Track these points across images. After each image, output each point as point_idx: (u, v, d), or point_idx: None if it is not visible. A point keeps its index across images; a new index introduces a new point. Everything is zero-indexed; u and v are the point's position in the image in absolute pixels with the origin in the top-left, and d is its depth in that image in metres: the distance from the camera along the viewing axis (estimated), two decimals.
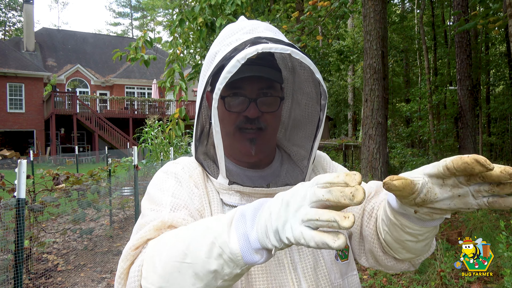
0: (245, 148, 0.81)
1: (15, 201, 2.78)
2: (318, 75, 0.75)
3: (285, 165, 0.91)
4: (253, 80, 0.78)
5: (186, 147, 13.70)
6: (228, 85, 0.74)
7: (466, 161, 0.52)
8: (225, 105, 0.80)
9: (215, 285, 0.58)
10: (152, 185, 0.85)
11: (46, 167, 14.76)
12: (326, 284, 0.79)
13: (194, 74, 4.99)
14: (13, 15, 40.65)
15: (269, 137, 0.83)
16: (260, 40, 0.73)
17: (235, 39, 0.78)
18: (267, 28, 0.81)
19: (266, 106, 0.80)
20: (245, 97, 0.79)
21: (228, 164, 0.86)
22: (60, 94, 21.63)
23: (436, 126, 14.11)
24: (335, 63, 15.12)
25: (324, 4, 6.05)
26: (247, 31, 0.79)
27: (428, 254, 0.83)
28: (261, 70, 0.77)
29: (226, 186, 0.81)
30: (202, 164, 0.85)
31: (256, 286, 0.75)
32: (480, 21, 5.44)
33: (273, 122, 0.83)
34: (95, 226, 6.45)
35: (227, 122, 0.81)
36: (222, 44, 0.80)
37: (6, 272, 3.25)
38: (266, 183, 0.85)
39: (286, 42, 0.74)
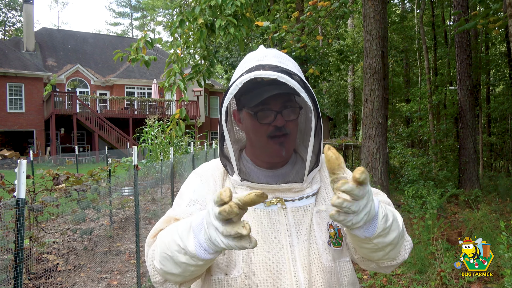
0: (277, 151, 1.00)
1: (15, 201, 2.78)
2: (303, 94, 0.93)
3: (296, 166, 1.08)
4: (277, 96, 0.97)
5: (186, 147, 13.70)
6: (260, 102, 0.96)
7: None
8: (258, 119, 0.98)
9: (190, 270, 0.84)
10: (183, 185, 1.11)
11: (46, 167, 14.76)
12: (317, 264, 0.97)
13: (194, 75, 4.99)
14: (13, 15, 40.66)
15: (292, 141, 1.03)
16: (258, 68, 0.94)
17: (247, 65, 0.99)
18: (275, 56, 1.00)
19: (288, 115, 0.99)
20: (271, 110, 0.98)
21: (249, 164, 1.08)
22: (60, 94, 21.60)
23: (436, 126, 14.11)
24: (335, 63, 15.11)
25: (324, 4, 6.05)
26: (258, 59, 1.00)
27: (392, 262, 0.98)
28: (281, 87, 0.95)
29: (239, 182, 1.02)
30: (224, 165, 1.05)
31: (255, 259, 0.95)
32: (480, 21, 5.44)
33: (294, 128, 1.02)
34: (95, 226, 6.45)
35: (259, 133, 1.00)
36: (239, 69, 1.02)
37: (6, 272, 3.25)
38: (276, 180, 1.03)
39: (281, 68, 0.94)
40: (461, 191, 8.36)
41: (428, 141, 15.22)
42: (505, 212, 7.04)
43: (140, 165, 6.85)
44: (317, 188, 1.05)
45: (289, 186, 1.01)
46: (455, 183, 9.40)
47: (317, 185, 1.06)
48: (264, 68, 0.94)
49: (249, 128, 1.03)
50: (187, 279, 0.90)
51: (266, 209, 1.00)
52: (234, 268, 0.95)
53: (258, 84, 0.97)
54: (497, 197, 8.47)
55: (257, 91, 0.97)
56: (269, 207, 1.00)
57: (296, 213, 1.00)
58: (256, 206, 0.98)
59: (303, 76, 1.02)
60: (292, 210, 1.01)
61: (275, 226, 0.98)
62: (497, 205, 7.50)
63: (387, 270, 1.02)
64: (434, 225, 4.65)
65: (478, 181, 9.25)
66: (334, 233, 1.02)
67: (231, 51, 15.49)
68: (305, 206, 1.02)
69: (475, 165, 9.24)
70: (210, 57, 4.99)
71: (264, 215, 0.99)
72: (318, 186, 1.06)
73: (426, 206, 5.25)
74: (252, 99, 0.97)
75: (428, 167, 11.31)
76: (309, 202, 1.02)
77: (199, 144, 16.53)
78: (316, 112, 0.97)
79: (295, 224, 0.99)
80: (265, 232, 0.97)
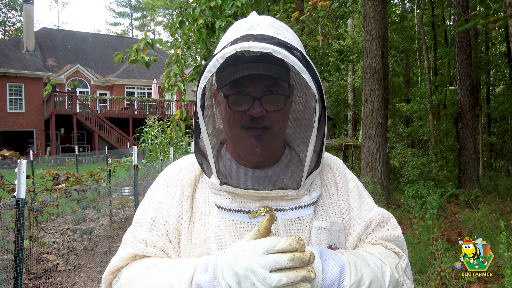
0: (250, 147, 0.78)
1: (15, 201, 2.78)
2: (305, 76, 0.71)
3: (290, 167, 0.87)
4: (257, 78, 0.74)
5: (186, 147, 13.70)
6: (232, 83, 0.74)
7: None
8: (228, 104, 0.77)
9: None
10: (148, 192, 0.91)
11: (46, 167, 14.76)
12: None
13: (196, 76, 4.99)
14: (13, 15, 40.68)
15: (274, 136, 0.79)
16: (248, 38, 0.72)
17: (235, 35, 0.77)
18: (269, 24, 0.78)
19: (270, 104, 0.76)
20: (249, 95, 0.75)
21: (230, 163, 0.86)
22: (60, 94, 21.61)
23: (436, 126, 14.11)
24: (335, 63, 15.11)
25: (324, 4, 6.05)
26: (249, 27, 0.77)
27: None
28: (266, 67, 0.73)
29: (218, 187, 0.81)
30: (200, 163, 0.84)
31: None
32: (480, 21, 5.44)
33: (279, 120, 0.79)
34: (95, 226, 6.45)
35: (232, 121, 0.78)
36: (224, 40, 0.80)
37: (6, 272, 3.25)
38: (265, 184, 0.82)
39: (278, 40, 0.72)
40: (461, 191, 8.36)
41: (428, 141, 15.22)
42: (505, 212, 7.04)
43: (140, 165, 6.85)
44: (316, 196, 0.84)
45: (281, 193, 0.80)
46: (455, 183, 9.40)
47: (317, 192, 0.85)
48: (255, 39, 0.71)
49: (222, 113, 0.81)
50: None
51: (251, 222, 0.79)
52: None
53: (241, 58, 0.73)
54: (497, 197, 8.47)
55: (235, 67, 0.73)
56: (254, 219, 0.79)
57: (289, 226, 0.80)
58: (238, 218, 0.79)
59: (304, 50, 0.79)
60: (285, 223, 0.80)
61: None
62: (497, 205, 7.50)
63: None
64: (434, 225, 4.65)
65: (478, 181, 9.25)
66: None
67: None
68: (302, 218, 0.81)
69: (475, 165, 9.24)
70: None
71: (247, 229, 0.78)
72: (318, 194, 0.84)
73: (426, 206, 5.25)
74: (227, 77, 0.74)
75: (428, 167, 11.31)
76: (307, 213, 0.82)
77: None
78: (321, 100, 0.75)
79: None
80: None
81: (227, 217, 0.79)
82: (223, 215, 0.80)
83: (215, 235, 0.78)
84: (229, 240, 0.78)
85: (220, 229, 0.79)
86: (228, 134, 0.83)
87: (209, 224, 0.80)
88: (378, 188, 6.28)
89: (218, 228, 0.79)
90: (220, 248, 0.77)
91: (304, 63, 0.71)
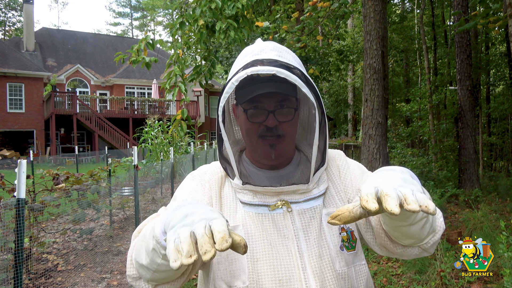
0: (266, 153, 0.95)
1: (15, 201, 2.78)
2: (304, 89, 0.87)
3: (301, 166, 1.02)
4: (270, 94, 0.91)
5: (186, 147, 13.70)
6: (250, 100, 0.91)
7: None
8: (247, 117, 0.93)
9: (157, 263, 0.76)
10: (180, 185, 1.06)
11: (46, 167, 14.76)
12: (330, 270, 0.90)
13: (195, 76, 4.99)
14: (13, 15, 40.66)
15: (286, 143, 0.96)
16: (256, 63, 0.88)
17: (244, 60, 0.93)
18: (273, 49, 0.94)
19: (282, 116, 0.93)
20: (264, 109, 0.92)
21: (250, 166, 1.02)
22: (60, 94, 21.61)
23: (436, 126, 14.11)
24: (335, 63, 15.10)
25: (324, 4, 6.05)
26: (255, 53, 0.93)
27: (434, 237, 0.89)
28: (277, 86, 0.89)
29: (241, 186, 0.96)
30: (224, 168, 1.00)
31: (261, 268, 0.89)
32: (480, 21, 5.44)
33: (290, 129, 0.95)
34: (95, 226, 6.45)
35: (251, 131, 0.95)
36: (236, 65, 0.96)
37: (6, 272, 3.25)
38: (280, 182, 0.97)
39: (280, 63, 0.88)
40: (461, 191, 8.36)
41: (428, 141, 15.22)
42: (505, 212, 7.04)
43: (140, 165, 6.85)
44: (324, 188, 0.99)
45: (294, 187, 0.94)
46: (455, 183, 9.40)
47: (324, 185, 0.99)
48: (262, 63, 0.87)
49: (242, 125, 0.98)
50: (156, 279, 0.82)
51: (270, 214, 0.94)
52: (238, 278, 0.88)
53: (255, 80, 0.90)
54: (497, 197, 8.47)
55: (252, 87, 0.90)
56: (274, 211, 0.94)
57: (303, 216, 0.94)
58: (259, 211, 0.94)
59: (305, 69, 0.95)
60: (299, 213, 0.94)
61: (282, 231, 0.92)
62: (497, 205, 7.50)
63: (431, 250, 0.92)
64: None
65: (478, 181, 9.24)
66: (347, 236, 0.95)
67: (231, 51, 15.50)
68: (313, 208, 0.95)
69: (475, 165, 9.23)
70: (211, 58, 4.99)
71: (268, 220, 0.93)
72: (325, 186, 0.99)
73: None
74: (245, 95, 0.91)
75: (428, 167, 11.31)
76: (317, 203, 0.96)
77: (199, 144, 16.54)
78: (320, 108, 0.91)
79: (302, 228, 0.92)
80: (271, 238, 0.91)
81: (251, 211, 0.95)
82: (247, 209, 0.95)
83: (243, 225, 0.93)
84: (254, 229, 0.92)
85: (246, 221, 0.94)
86: (247, 142, 1.00)
87: (237, 216, 0.95)
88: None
89: (244, 220, 0.94)
90: (247, 236, 0.91)
91: (303, 79, 0.88)
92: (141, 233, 0.85)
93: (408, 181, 0.71)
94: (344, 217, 0.71)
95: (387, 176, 0.73)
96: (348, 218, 0.71)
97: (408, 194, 0.65)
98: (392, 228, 0.85)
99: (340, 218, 0.71)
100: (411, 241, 0.87)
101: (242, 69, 0.88)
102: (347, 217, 0.70)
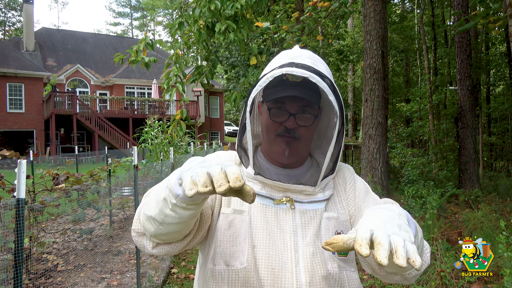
0: (281, 150, 1.00)
1: (15, 201, 2.78)
2: (331, 97, 0.92)
3: (311, 170, 1.06)
4: (295, 98, 0.97)
5: (186, 147, 13.69)
6: (275, 99, 0.97)
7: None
8: (270, 115, 0.99)
9: (165, 213, 0.80)
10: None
11: (46, 167, 14.76)
12: (321, 268, 0.94)
13: (197, 76, 4.98)
14: (12, 15, 40.66)
15: (301, 146, 1.01)
16: (291, 65, 0.93)
17: (280, 61, 0.99)
18: (308, 56, 1.00)
19: (302, 120, 0.98)
20: (287, 111, 0.97)
21: (263, 161, 1.07)
22: (60, 94, 21.59)
23: (436, 126, 14.11)
24: (335, 63, 15.10)
25: (324, 4, 6.04)
26: (292, 57, 0.99)
27: (417, 271, 0.89)
28: (303, 91, 0.95)
29: (252, 176, 1.01)
30: (240, 156, 1.05)
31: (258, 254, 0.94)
32: (480, 21, 5.44)
33: (307, 134, 1.00)
34: (95, 226, 6.45)
35: (271, 129, 1.00)
36: (272, 64, 1.02)
37: (6, 272, 3.25)
38: (289, 181, 1.01)
39: (314, 69, 0.93)
40: (461, 191, 8.35)
41: (428, 141, 15.22)
42: (505, 212, 7.04)
43: (140, 165, 6.84)
44: (329, 195, 1.03)
45: (301, 187, 0.99)
46: (455, 183, 9.40)
47: (330, 191, 1.03)
48: (297, 66, 0.93)
49: (263, 121, 1.03)
50: (160, 233, 0.86)
51: (274, 207, 0.99)
52: (237, 259, 0.94)
53: (285, 82, 0.96)
54: (497, 197, 8.47)
55: (280, 88, 0.96)
56: (278, 205, 0.99)
57: (304, 215, 0.99)
58: (265, 202, 0.99)
59: (333, 79, 1.01)
60: (301, 212, 0.99)
61: (281, 225, 0.97)
62: (497, 205, 7.50)
63: (412, 280, 0.96)
64: (434, 225, 4.65)
65: (478, 181, 9.24)
66: None
67: (231, 51, 15.50)
68: (315, 210, 1.00)
69: (475, 165, 9.23)
70: (212, 58, 4.99)
71: (271, 212, 0.99)
72: (330, 193, 1.03)
73: (426, 206, 5.25)
74: (272, 94, 0.97)
75: (428, 167, 11.31)
76: (319, 207, 1.01)
77: (199, 144, 16.54)
78: (341, 119, 0.96)
79: (301, 226, 0.97)
80: (271, 230, 0.96)
81: (257, 201, 0.99)
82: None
83: (248, 212, 0.99)
84: (257, 218, 0.98)
85: (252, 209, 0.99)
86: (265, 138, 1.04)
87: (244, 203, 0.99)
88: (378, 188, 6.28)
89: (250, 207, 0.99)
90: (250, 223, 0.97)
91: (332, 88, 0.93)
92: (153, 188, 0.90)
93: (403, 228, 0.73)
94: (338, 246, 0.74)
95: (384, 219, 0.74)
96: (341, 248, 0.74)
97: (399, 246, 0.67)
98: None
99: (334, 247, 0.75)
100: (395, 270, 0.91)
101: (279, 67, 0.94)
102: (340, 247, 0.74)
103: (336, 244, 0.74)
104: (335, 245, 0.75)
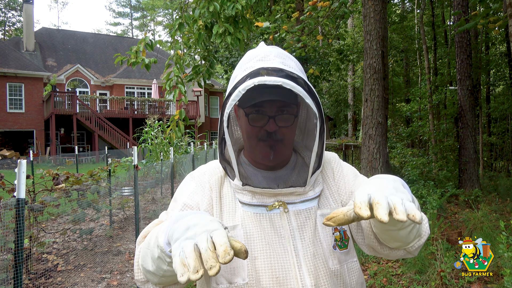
0: (265, 154, 0.98)
1: (15, 201, 2.78)
2: (308, 100, 0.89)
3: (297, 168, 1.05)
4: (272, 101, 0.95)
5: (186, 147, 13.70)
6: (252, 105, 0.95)
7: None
8: (249, 121, 0.97)
9: (163, 269, 0.79)
10: (179, 186, 1.08)
11: (46, 167, 14.76)
12: (323, 268, 0.95)
13: (194, 76, 4.98)
14: (12, 15, 40.65)
15: (284, 147, 1.00)
16: (262, 71, 0.90)
17: (249, 66, 0.96)
18: (277, 55, 0.97)
19: (282, 121, 0.96)
20: (265, 114, 0.95)
21: (248, 166, 1.05)
22: (60, 94, 21.59)
23: (436, 126, 14.10)
24: (335, 63, 15.10)
25: (324, 4, 6.04)
26: (259, 58, 0.96)
27: (419, 241, 0.93)
28: (279, 93, 0.93)
29: (240, 187, 0.99)
30: (224, 168, 1.03)
31: (259, 266, 0.92)
32: (480, 21, 5.44)
33: (289, 134, 0.99)
34: (95, 226, 6.45)
35: (251, 134, 0.98)
36: (240, 69, 0.99)
37: (6, 272, 3.25)
38: (277, 183, 1.00)
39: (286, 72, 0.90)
40: (461, 191, 8.35)
41: (428, 141, 15.21)
42: (505, 212, 7.04)
43: (140, 165, 6.85)
44: (319, 191, 1.03)
45: (291, 190, 0.99)
46: (455, 183, 9.40)
47: (320, 187, 1.04)
48: (268, 73, 0.90)
49: (243, 127, 1.01)
50: (164, 283, 0.86)
51: (268, 214, 0.98)
52: (238, 275, 0.92)
53: (259, 86, 0.92)
54: (497, 197, 8.47)
55: (255, 92, 0.93)
56: (271, 211, 0.98)
57: (299, 216, 0.99)
58: (257, 211, 0.98)
59: (305, 75, 0.99)
60: (295, 214, 0.99)
61: (278, 231, 0.96)
62: (497, 205, 7.50)
63: (415, 253, 0.97)
64: (434, 225, 4.65)
65: (478, 181, 9.24)
66: (340, 236, 1.00)
67: (231, 51, 15.50)
68: (308, 209, 1.00)
69: (475, 165, 9.23)
70: (210, 58, 4.98)
71: (266, 220, 0.97)
72: (320, 189, 1.03)
73: (426, 206, 5.25)
74: (248, 100, 0.95)
75: (428, 167, 11.30)
76: (312, 205, 1.00)
77: (199, 144, 16.54)
78: (320, 117, 0.94)
79: (298, 228, 0.97)
80: (269, 238, 0.95)
81: (250, 211, 0.98)
82: (246, 209, 0.99)
83: (241, 225, 0.97)
84: (252, 229, 0.96)
85: (245, 220, 0.97)
86: (247, 144, 1.03)
87: (236, 216, 0.99)
88: None
89: (243, 219, 0.98)
90: (246, 235, 0.95)
91: (306, 88, 0.90)
92: (146, 239, 0.87)
93: (399, 189, 0.75)
94: (339, 219, 0.75)
95: (380, 184, 0.76)
96: (342, 221, 0.75)
97: (397, 204, 0.69)
98: (381, 231, 0.89)
99: (335, 220, 0.75)
100: (398, 244, 0.92)
101: (249, 77, 0.91)
102: (341, 219, 0.75)
103: (337, 217, 0.75)
104: (336, 219, 0.75)
